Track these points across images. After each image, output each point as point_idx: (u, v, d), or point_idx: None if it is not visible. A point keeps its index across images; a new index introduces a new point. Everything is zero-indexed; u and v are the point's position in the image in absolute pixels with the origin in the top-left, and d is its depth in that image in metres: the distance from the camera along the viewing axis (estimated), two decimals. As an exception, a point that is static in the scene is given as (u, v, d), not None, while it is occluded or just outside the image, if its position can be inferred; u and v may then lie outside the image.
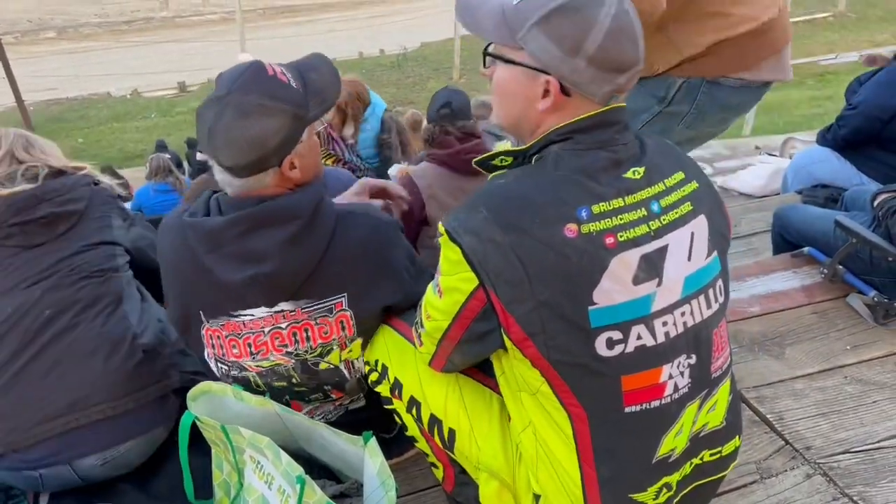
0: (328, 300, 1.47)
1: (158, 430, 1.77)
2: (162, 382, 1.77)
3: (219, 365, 1.57)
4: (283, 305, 1.46)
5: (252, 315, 1.47)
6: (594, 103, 1.18)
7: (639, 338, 1.14)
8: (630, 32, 1.14)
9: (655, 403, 1.18)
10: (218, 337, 1.52)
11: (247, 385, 1.58)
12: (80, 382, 1.66)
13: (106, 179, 2.04)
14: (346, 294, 1.48)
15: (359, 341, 1.55)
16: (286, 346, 1.51)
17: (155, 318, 1.85)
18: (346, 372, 1.59)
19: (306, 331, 1.49)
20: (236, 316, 1.48)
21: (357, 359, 1.58)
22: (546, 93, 1.18)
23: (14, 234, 1.76)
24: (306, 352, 1.52)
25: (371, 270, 1.49)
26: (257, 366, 1.54)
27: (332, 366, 1.56)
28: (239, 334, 1.50)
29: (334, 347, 1.53)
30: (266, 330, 1.48)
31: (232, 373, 1.57)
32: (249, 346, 1.51)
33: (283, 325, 1.48)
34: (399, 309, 1.55)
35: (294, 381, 1.57)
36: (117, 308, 1.78)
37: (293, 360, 1.53)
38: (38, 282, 1.74)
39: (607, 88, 1.17)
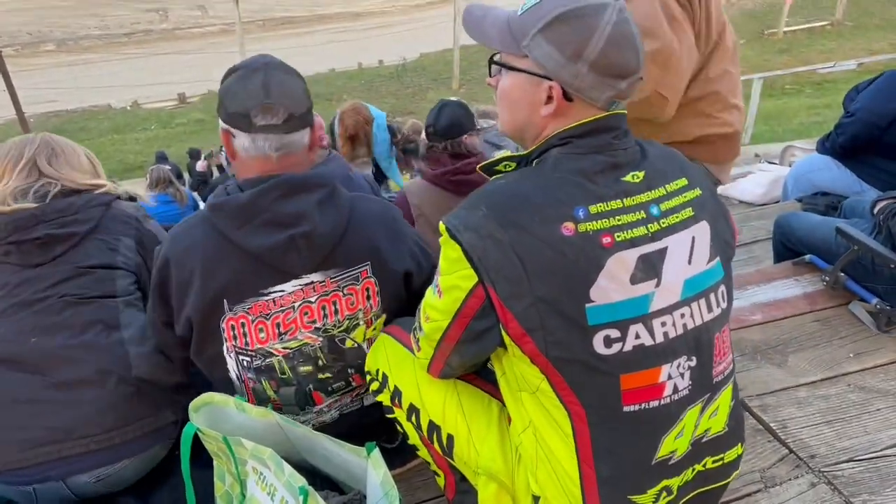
0: (354, 268, 1.57)
1: (154, 449, 1.73)
2: (156, 416, 1.71)
3: (240, 357, 1.57)
4: (313, 277, 1.53)
5: (282, 291, 1.52)
6: (596, 108, 1.21)
7: (637, 337, 1.15)
8: (630, 40, 1.17)
9: (654, 403, 1.18)
10: (242, 324, 1.53)
11: (270, 374, 1.59)
12: (65, 413, 1.61)
13: (127, 187, 2.00)
14: (369, 262, 1.59)
15: (383, 318, 1.65)
16: (315, 321, 1.56)
17: (158, 349, 1.75)
18: (368, 352, 1.64)
19: (334, 303, 1.57)
20: (266, 294, 1.51)
21: None
22: (549, 98, 1.21)
23: (11, 251, 1.72)
24: (334, 326, 1.58)
25: (388, 239, 1.62)
26: (285, 348, 1.57)
27: (356, 344, 1.63)
28: (267, 315, 1.53)
29: (360, 322, 1.61)
30: (296, 305, 1.54)
31: (255, 363, 1.58)
32: (278, 325, 1.54)
33: (313, 299, 1.55)
34: (417, 281, 1.67)
35: (320, 363, 1.61)
36: (110, 335, 1.71)
37: (321, 339, 1.58)
38: (29, 305, 1.69)
39: (608, 94, 1.19)
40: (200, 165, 9.48)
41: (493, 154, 3.30)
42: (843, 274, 2.49)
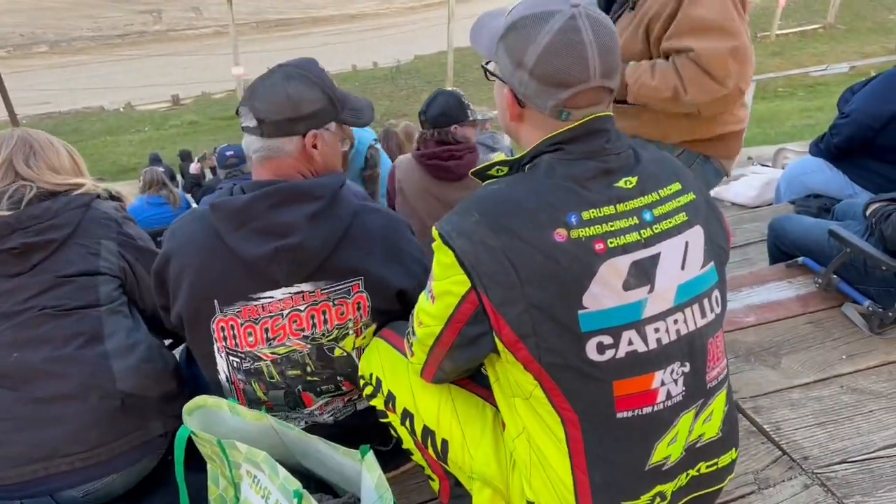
0: (346, 282, 1.55)
1: (143, 462, 1.69)
2: (142, 430, 1.67)
3: (230, 358, 1.57)
4: (304, 286, 1.52)
5: (271, 297, 1.51)
6: (545, 116, 1.22)
7: (630, 343, 1.15)
8: (575, 50, 1.14)
9: (647, 410, 1.18)
10: (232, 326, 1.53)
11: (259, 377, 1.59)
12: (49, 430, 1.57)
13: (120, 188, 1.94)
14: (363, 277, 1.56)
15: (373, 327, 1.62)
16: (303, 329, 1.55)
17: (144, 359, 1.71)
18: (357, 361, 1.63)
19: (324, 313, 1.55)
20: (255, 299, 1.51)
21: None
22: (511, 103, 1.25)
23: None
24: (323, 335, 1.57)
25: (386, 255, 1.59)
26: (272, 353, 1.56)
27: (345, 353, 1.61)
28: (256, 319, 1.53)
29: (350, 332, 1.59)
30: (285, 312, 1.53)
31: (244, 365, 1.58)
32: (266, 331, 1.54)
33: (302, 308, 1.53)
34: (412, 295, 1.61)
35: (308, 368, 1.60)
36: (93, 348, 1.65)
37: (309, 346, 1.57)
38: (8, 318, 1.62)
39: (550, 103, 1.19)
40: (194, 168, 9.43)
41: (488, 157, 3.32)
42: (835, 276, 2.50)
